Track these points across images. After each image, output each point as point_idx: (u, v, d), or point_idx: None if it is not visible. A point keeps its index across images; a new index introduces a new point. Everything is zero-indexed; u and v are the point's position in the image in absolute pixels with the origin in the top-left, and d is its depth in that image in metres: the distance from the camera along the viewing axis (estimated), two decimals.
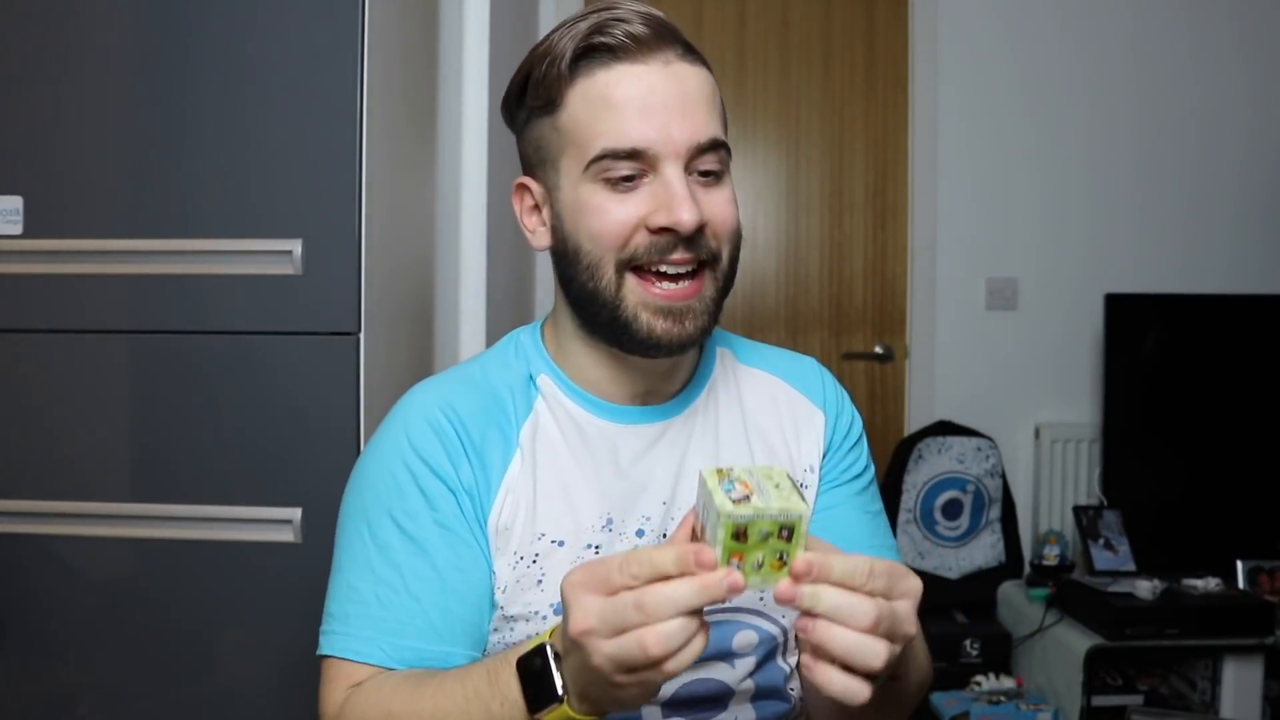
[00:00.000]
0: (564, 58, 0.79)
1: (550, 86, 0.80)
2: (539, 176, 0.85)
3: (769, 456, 0.91)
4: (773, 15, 2.88)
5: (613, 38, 0.78)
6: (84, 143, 1.33)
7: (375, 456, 0.85)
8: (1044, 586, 2.47)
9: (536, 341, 0.91)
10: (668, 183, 0.78)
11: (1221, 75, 2.85)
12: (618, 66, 0.79)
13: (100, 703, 1.34)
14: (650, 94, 0.78)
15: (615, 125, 0.78)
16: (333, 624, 0.81)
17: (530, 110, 0.83)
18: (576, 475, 0.84)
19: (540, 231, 0.86)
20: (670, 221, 0.77)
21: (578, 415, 0.87)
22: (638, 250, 0.79)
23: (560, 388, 0.88)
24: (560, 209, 0.83)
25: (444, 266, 1.76)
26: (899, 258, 2.90)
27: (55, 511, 1.33)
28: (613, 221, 0.79)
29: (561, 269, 0.85)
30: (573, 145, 0.80)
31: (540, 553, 0.82)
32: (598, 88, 0.79)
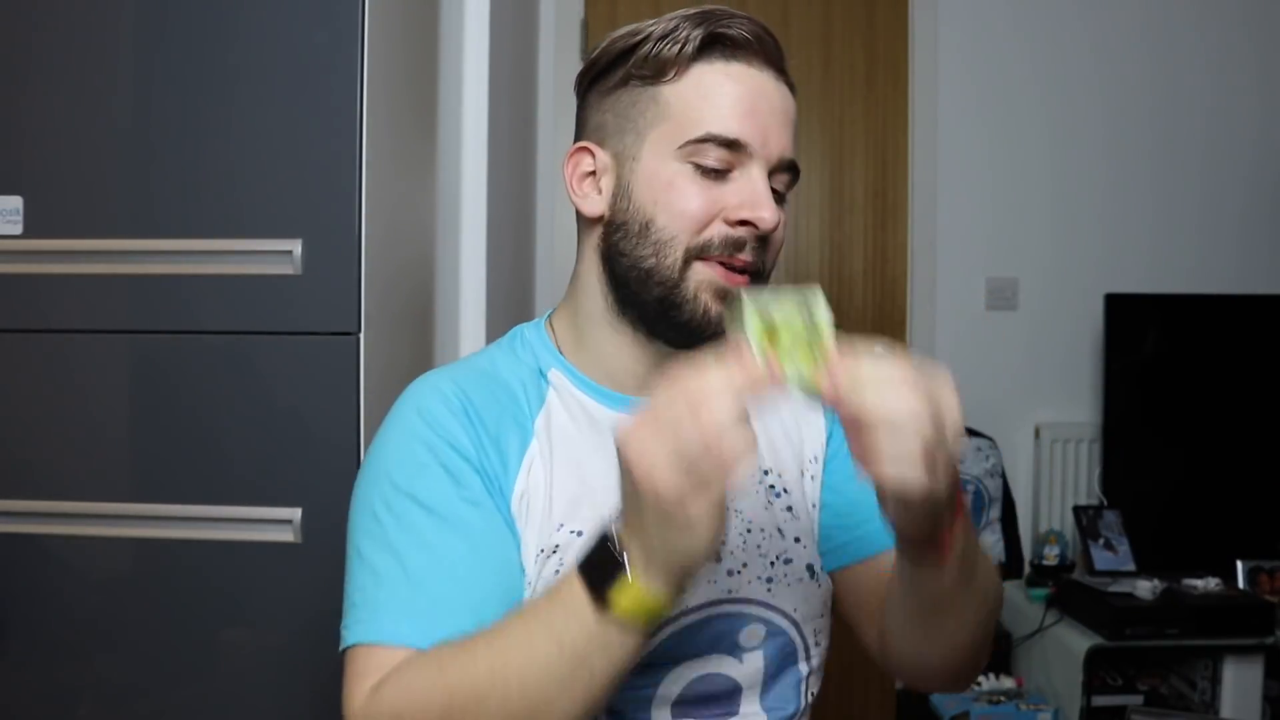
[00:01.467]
0: (693, 40, 0.81)
1: (668, 61, 0.81)
2: (610, 144, 0.85)
3: (771, 448, 0.92)
4: (772, 15, 2.88)
5: (739, 34, 0.81)
6: (84, 143, 1.33)
7: (389, 440, 0.82)
8: (1044, 586, 2.47)
9: (543, 336, 0.91)
10: (754, 181, 0.81)
11: (1226, 76, 2.84)
12: (735, 64, 0.82)
13: (100, 703, 1.34)
14: (760, 97, 0.82)
15: (725, 113, 0.80)
16: (358, 613, 0.77)
17: (627, 76, 0.83)
18: (592, 466, 0.84)
19: (594, 198, 0.86)
20: (753, 216, 0.80)
21: (590, 407, 0.86)
22: (713, 240, 0.81)
23: (571, 380, 0.87)
24: (634, 180, 0.83)
25: (444, 266, 1.76)
26: (899, 258, 2.90)
27: (55, 511, 1.32)
28: (698, 205, 0.80)
29: (613, 240, 0.84)
30: (672, 121, 0.81)
31: (561, 544, 0.81)
32: (715, 74, 0.81)
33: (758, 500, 0.89)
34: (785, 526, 0.89)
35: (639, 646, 0.67)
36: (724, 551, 0.86)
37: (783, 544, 0.88)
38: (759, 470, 0.90)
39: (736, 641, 0.86)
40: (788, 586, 0.88)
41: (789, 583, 0.88)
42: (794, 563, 0.88)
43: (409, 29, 1.54)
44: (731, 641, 0.85)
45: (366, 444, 1.30)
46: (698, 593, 0.84)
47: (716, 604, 0.85)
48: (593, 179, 0.86)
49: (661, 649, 0.83)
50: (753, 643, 0.86)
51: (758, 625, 0.86)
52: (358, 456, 1.30)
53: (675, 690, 0.84)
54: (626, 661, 0.67)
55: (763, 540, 0.88)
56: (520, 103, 2.37)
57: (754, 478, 0.90)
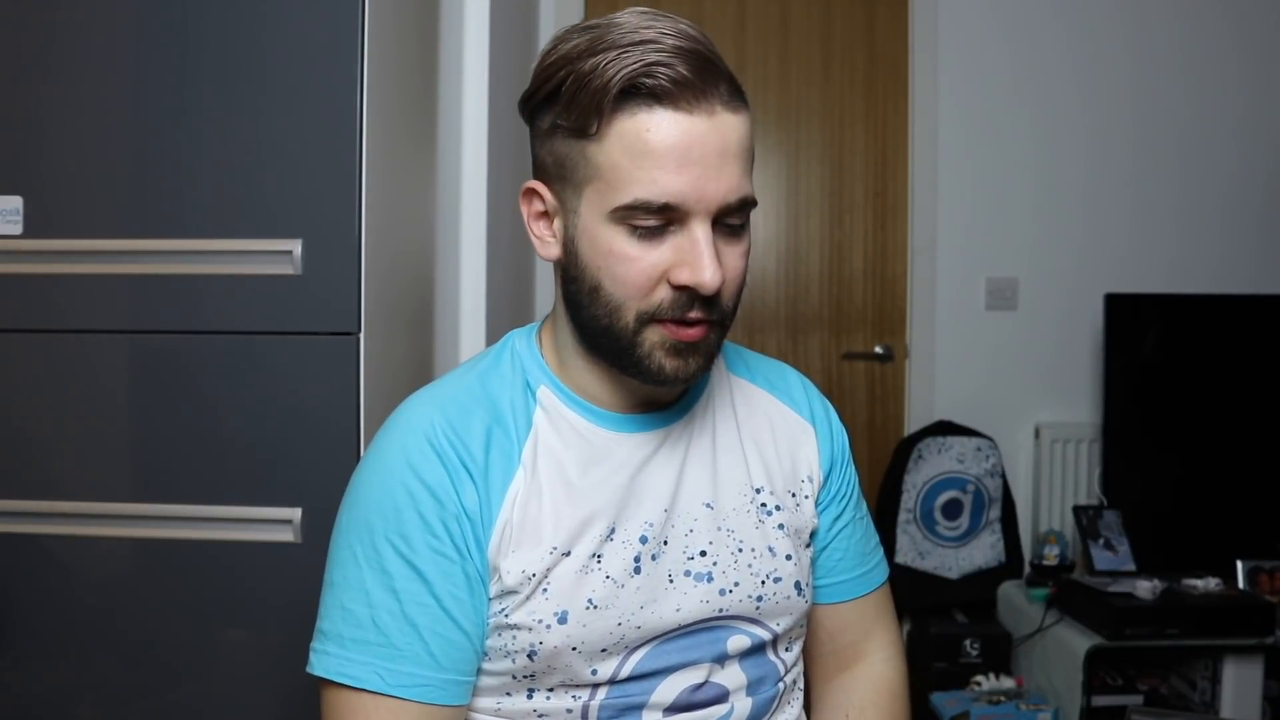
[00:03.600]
0: (609, 92, 0.75)
1: (588, 114, 0.77)
2: (555, 189, 0.83)
3: (764, 467, 0.92)
4: (772, 16, 2.88)
5: (658, 81, 0.75)
6: (84, 143, 1.33)
7: (373, 475, 0.83)
8: (1044, 586, 2.47)
9: (533, 349, 0.90)
10: (694, 240, 0.77)
11: (1219, 76, 2.85)
12: (660, 110, 0.75)
13: (100, 703, 1.34)
14: (690, 147, 0.75)
15: (651, 175, 0.75)
16: (326, 644, 0.80)
17: (556, 126, 0.80)
18: (579, 486, 0.84)
19: (550, 242, 0.84)
20: (693, 281, 0.77)
21: (579, 425, 0.86)
22: (661, 305, 0.79)
23: (560, 398, 0.87)
24: (577, 235, 0.81)
25: (444, 266, 1.76)
26: (899, 258, 2.90)
27: (55, 511, 1.32)
28: (638, 271, 0.78)
29: (571, 292, 0.83)
30: (602, 181, 0.78)
31: (550, 566, 0.82)
32: (638, 129, 0.76)
33: (749, 519, 0.89)
34: (776, 545, 0.90)
35: None
36: (716, 571, 0.87)
37: (773, 562, 0.89)
38: (750, 488, 0.91)
39: (725, 651, 0.87)
40: (776, 604, 0.89)
41: (777, 600, 0.89)
42: (783, 581, 0.89)
43: (409, 29, 1.54)
44: (720, 651, 0.87)
45: (366, 444, 1.30)
46: (690, 610, 0.85)
47: (707, 621, 0.86)
48: (546, 220, 0.85)
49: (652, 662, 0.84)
50: (738, 651, 0.88)
51: (743, 636, 0.88)
52: (358, 457, 1.30)
53: (668, 698, 0.85)
54: None
55: (754, 560, 0.88)
56: None
57: (745, 496, 0.90)
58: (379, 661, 0.78)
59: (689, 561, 0.86)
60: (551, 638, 0.80)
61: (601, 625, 0.82)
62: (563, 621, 0.81)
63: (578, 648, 0.81)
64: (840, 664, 1.01)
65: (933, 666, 2.48)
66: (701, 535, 0.87)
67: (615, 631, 0.82)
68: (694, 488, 0.88)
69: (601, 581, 0.82)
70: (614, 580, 0.82)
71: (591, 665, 0.82)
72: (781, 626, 0.90)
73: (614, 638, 0.82)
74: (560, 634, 0.80)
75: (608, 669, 0.83)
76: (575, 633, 0.81)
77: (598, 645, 0.82)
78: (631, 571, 0.83)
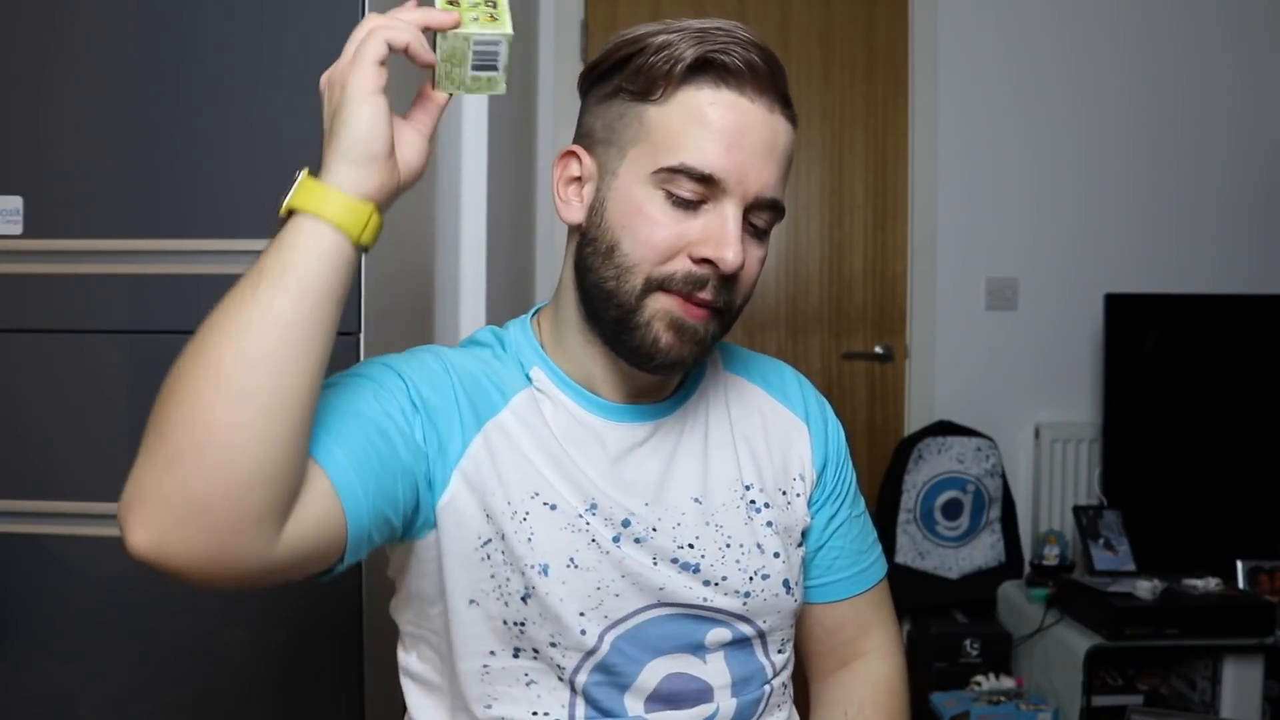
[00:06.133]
0: (683, 60, 0.78)
1: (657, 79, 0.79)
2: (596, 153, 0.84)
3: (754, 464, 0.92)
4: (772, 15, 2.88)
5: (734, 62, 0.78)
6: (84, 143, 1.33)
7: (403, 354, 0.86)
8: (1044, 586, 2.47)
9: (528, 334, 0.91)
10: (725, 219, 0.79)
11: (1219, 76, 2.85)
12: (725, 92, 0.79)
13: (100, 703, 1.34)
14: (744, 131, 0.79)
15: (704, 145, 0.78)
16: None
17: (619, 89, 0.82)
18: (567, 456, 0.84)
19: (575, 205, 0.86)
20: (715, 256, 0.79)
21: (570, 407, 0.87)
22: (675, 274, 0.80)
23: (553, 380, 0.88)
24: (609, 195, 0.82)
25: (444, 266, 1.76)
26: (899, 258, 2.90)
27: (55, 511, 1.32)
28: (663, 237, 0.79)
29: (584, 254, 0.84)
30: (651, 143, 0.80)
31: (531, 511, 0.81)
32: (701, 102, 0.79)
33: (738, 515, 0.89)
34: (765, 542, 0.89)
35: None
36: (704, 564, 0.86)
37: (761, 559, 0.89)
38: (740, 485, 0.91)
39: (701, 642, 0.86)
40: (763, 601, 0.88)
41: (765, 598, 0.88)
42: (771, 578, 0.89)
43: None
44: (696, 642, 0.86)
45: None
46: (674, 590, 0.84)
47: (690, 607, 0.85)
48: (578, 185, 0.86)
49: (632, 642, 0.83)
50: (715, 644, 0.87)
51: (724, 629, 0.87)
52: None
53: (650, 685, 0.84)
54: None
55: (741, 555, 0.88)
56: (520, 103, 2.37)
57: (735, 492, 0.90)
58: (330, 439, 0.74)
59: (677, 550, 0.85)
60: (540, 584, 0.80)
61: (580, 585, 0.81)
62: (544, 574, 0.80)
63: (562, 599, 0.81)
64: (838, 661, 1.00)
65: (933, 666, 2.48)
66: (689, 529, 0.87)
67: (595, 595, 0.82)
68: (682, 481, 0.88)
69: (586, 544, 0.82)
70: (599, 545, 0.82)
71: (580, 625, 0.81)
72: (768, 624, 0.89)
73: (593, 602, 0.81)
74: (543, 586, 0.80)
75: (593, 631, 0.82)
76: (555, 589, 0.80)
77: (576, 607, 0.81)
78: (612, 542, 0.83)
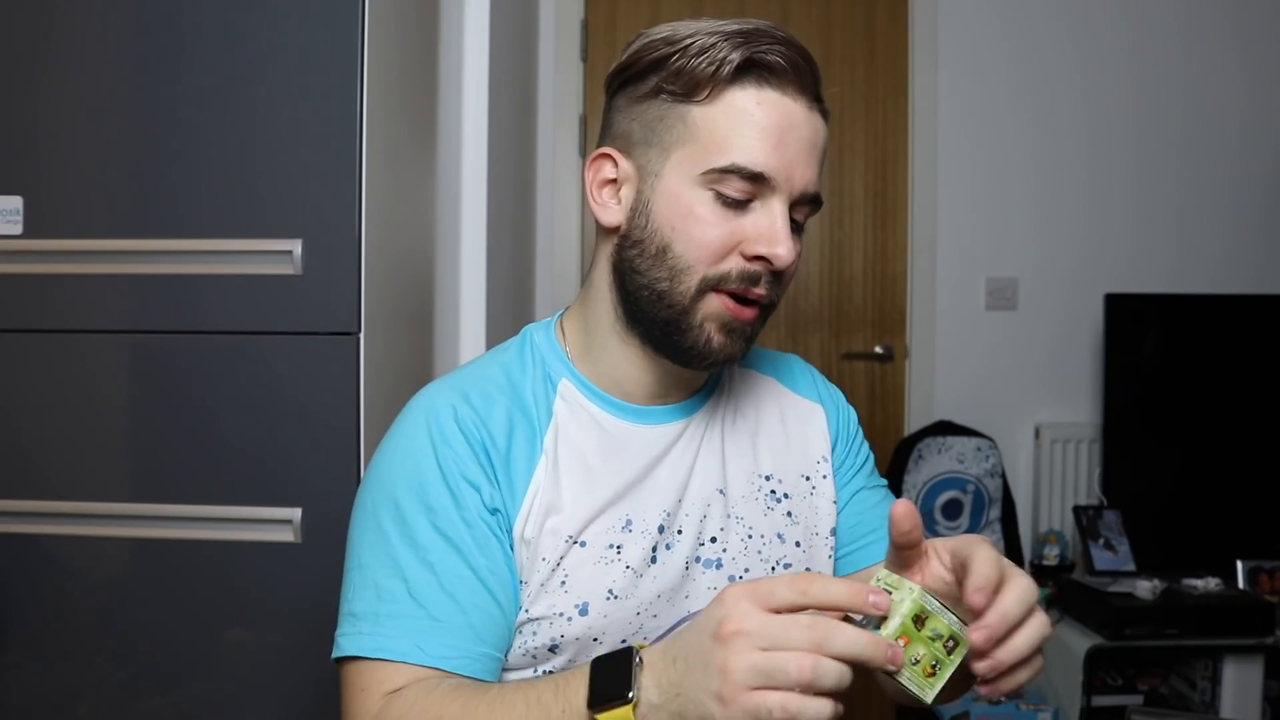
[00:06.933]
0: (731, 62, 0.79)
1: (702, 80, 0.79)
2: (634, 155, 0.84)
3: (773, 455, 0.92)
4: (772, 16, 2.87)
5: (778, 60, 0.79)
6: (84, 143, 1.33)
7: (399, 452, 0.82)
8: (1044, 586, 2.47)
9: (552, 341, 0.90)
10: (774, 216, 0.80)
11: (1219, 76, 2.84)
12: (769, 91, 0.80)
13: (100, 703, 1.34)
14: (790, 129, 0.80)
15: (753, 144, 0.79)
16: (360, 624, 0.78)
17: (658, 89, 0.82)
18: (598, 477, 0.84)
19: (613, 208, 0.85)
20: (769, 253, 0.80)
21: (599, 416, 0.87)
22: (730, 273, 0.80)
23: (580, 390, 0.87)
24: (654, 197, 0.82)
25: (444, 266, 1.76)
26: (899, 258, 2.90)
27: (55, 511, 1.33)
28: (716, 237, 0.80)
29: (628, 256, 0.84)
30: (698, 144, 0.80)
31: (564, 554, 0.82)
32: (748, 101, 0.79)
33: (758, 507, 0.90)
34: (785, 532, 0.90)
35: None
36: (726, 558, 0.87)
37: (782, 549, 0.89)
38: (759, 476, 0.91)
39: None
40: None
41: None
42: (792, 567, 0.89)
43: (409, 29, 1.54)
44: None
45: (367, 444, 1.30)
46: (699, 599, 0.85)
47: None
48: (613, 187, 0.85)
49: None
50: None
51: None
52: (358, 456, 1.30)
53: None
54: None
55: (763, 546, 0.89)
56: (520, 103, 2.37)
57: (754, 484, 0.90)
58: (417, 635, 0.77)
59: (700, 548, 0.86)
60: (573, 629, 0.81)
61: (621, 615, 0.82)
62: (584, 613, 0.81)
63: (599, 638, 0.81)
64: None
65: None
66: (713, 522, 0.87)
67: (634, 621, 0.83)
68: (705, 474, 0.88)
69: (622, 572, 0.82)
70: (634, 570, 0.83)
71: None
72: None
73: (633, 627, 0.83)
74: (581, 625, 0.81)
75: None
76: (597, 623, 0.81)
77: (618, 635, 0.82)
78: (649, 561, 0.84)
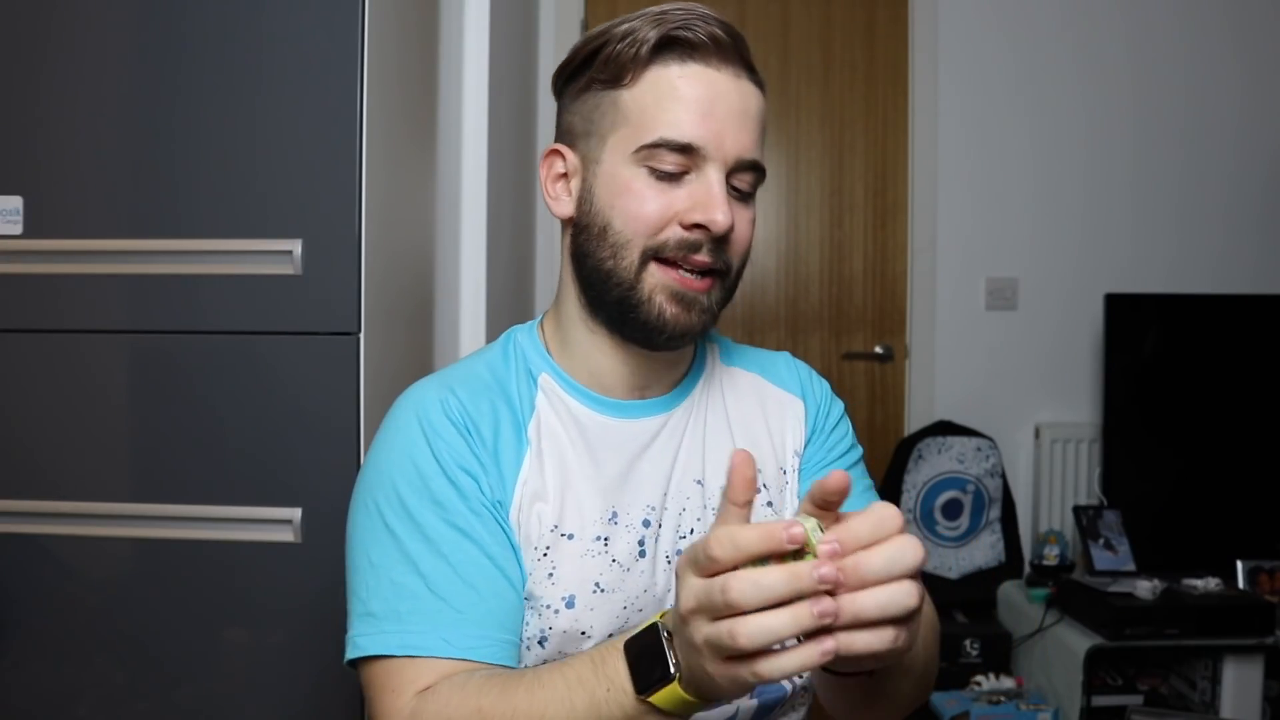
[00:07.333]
0: (648, 41, 0.81)
1: (624, 65, 0.82)
2: (579, 147, 0.87)
3: (753, 448, 0.92)
4: (772, 16, 2.88)
5: (696, 35, 0.81)
6: (84, 143, 1.33)
7: (393, 449, 0.83)
8: (1044, 586, 2.47)
9: (534, 339, 0.92)
10: (708, 184, 0.81)
11: (1219, 76, 2.85)
12: (692, 65, 0.82)
13: (100, 703, 1.34)
14: (715, 99, 0.81)
15: (678, 117, 0.80)
16: (381, 624, 0.77)
17: (592, 81, 0.85)
18: (580, 471, 0.85)
19: (564, 200, 0.88)
20: (705, 219, 0.80)
21: (578, 412, 0.88)
22: (668, 243, 0.81)
23: (560, 385, 0.88)
24: (595, 183, 0.85)
25: (444, 266, 1.76)
26: (899, 258, 2.90)
27: (55, 511, 1.33)
28: (651, 209, 0.81)
29: (579, 242, 0.86)
30: (629, 125, 0.82)
31: (551, 545, 0.83)
32: (670, 78, 0.81)
33: None
34: None
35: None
36: None
37: None
38: None
39: None
40: None
41: None
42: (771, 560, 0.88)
43: (409, 29, 1.54)
44: None
45: (366, 444, 1.30)
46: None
47: None
48: (565, 181, 0.88)
49: None
50: None
51: None
52: (358, 456, 1.30)
53: None
54: None
55: None
56: (520, 103, 2.37)
57: None
58: (443, 628, 0.77)
59: (680, 541, 0.86)
60: (560, 622, 0.81)
61: (608, 609, 0.82)
62: (570, 605, 0.81)
63: (586, 632, 0.81)
64: None
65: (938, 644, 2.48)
66: (691, 514, 0.88)
67: (620, 615, 0.83)
68: (685, 467, 0.89)
69: (608, 565, 0.83)
70: (620, 564, 0.83)
71: None
72: None
73: (619, 621, 0.83)
74: (568, 618, 0.81)
75: None
76: (584, 616, 0.81)
77: (605, 630, 0.82)
78: (637, 555, 0.84)
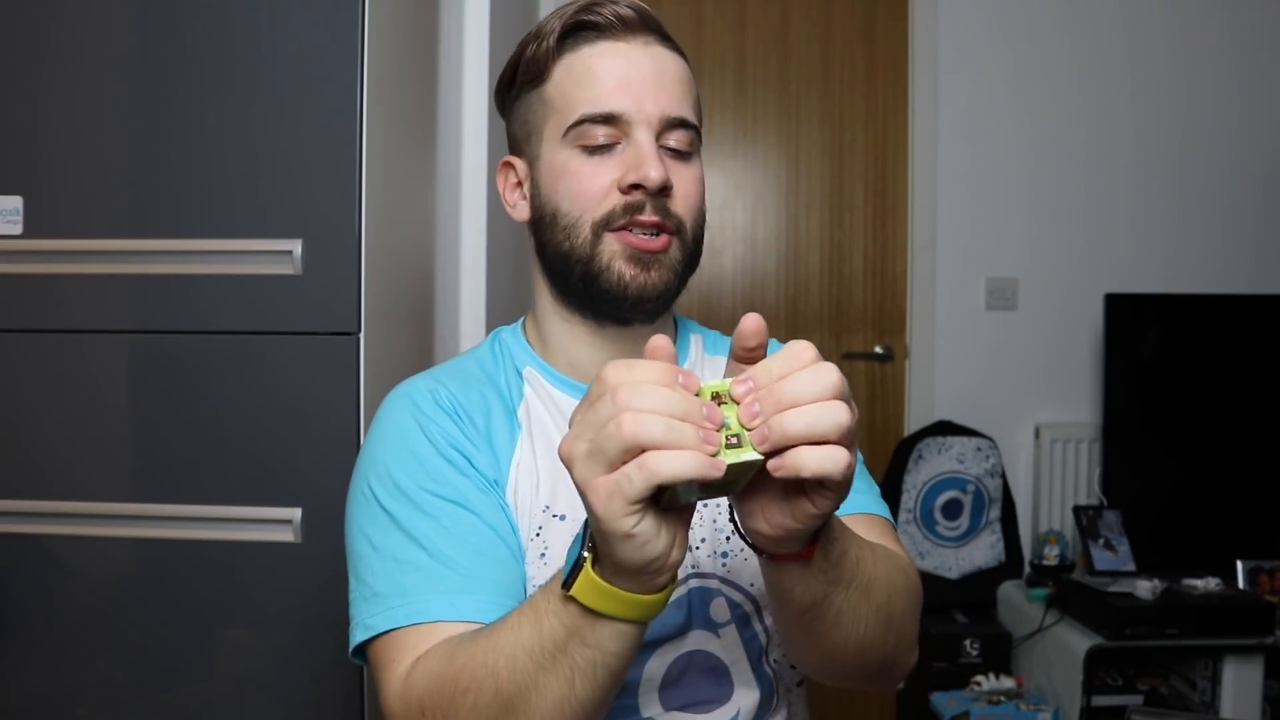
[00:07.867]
0: (553, 33, 0.86)
1: (539, 61, 0.87)
2: (524, 152, 0.91)
3: None
4: (772, 17, 2.88)
5: (600, 17, 0.85)
6: (84, 143, 1.33)
7: (386, 437, 0.85)
8: (1044, 586, 2.47)
9: (518, 337, 0.95)
10: (638, 146, 0.84)
11: (1219, 76, 2.84)
12: (601, 43, 0.85)
13: (100, 703, 1.34)
14: (629, 68, 0.85)
15: (594, 93, 0.84)
16: (387, 601, 0.77)
17: (520, 87, 0.90)
18: None
19: (521, 205, 0.92)
20: (638, 178, 0.83)
21: (562, 401, 0.90)
22: (614, 210, 0.84)
23: (544, 376, 0.91)
24: (540, 177, 0.88)
25: (444, 266, 1.76)
26: (899, 258, 2.90)
27: (55, 511, 1.33)
28: (589, 183, 0.85)
29: (540, 237, 0.89)
30: (555, 113, 0.86)
31: (543, 525, 0.84)
32: (582, 61, 0.85)
33: None
34: None
35: (617, 640, 0.64)
36: None
37: None
38: None
39: (709, 616, 0.87)
40: (743, 561, 0.88)
41: (744, 558, 0.88)
42: None
43: (409, 29, 1.54)
44: (705, 616, 0.86)
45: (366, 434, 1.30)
46: None
47: (682, 580, 0.86)
48: (520, 188, 0.92)
49: None
50: (723, 618, 0.87)
51: (721, 599, 0.87)
52: (357, 456, 1.30)
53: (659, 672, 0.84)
54: (610, 656, 0.64)
55: (717, 515, 0.89)
56: None
57: None
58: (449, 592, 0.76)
59: None
60: None
61: None
62: None
63: None
64: None
65: (933, 666, 2.48)
66: None
67: None
68: None
69: None
70: None
71: None
72: (756, 588, 0.88)
73: None
74: None
75: None
76: None
77: None
78: None
